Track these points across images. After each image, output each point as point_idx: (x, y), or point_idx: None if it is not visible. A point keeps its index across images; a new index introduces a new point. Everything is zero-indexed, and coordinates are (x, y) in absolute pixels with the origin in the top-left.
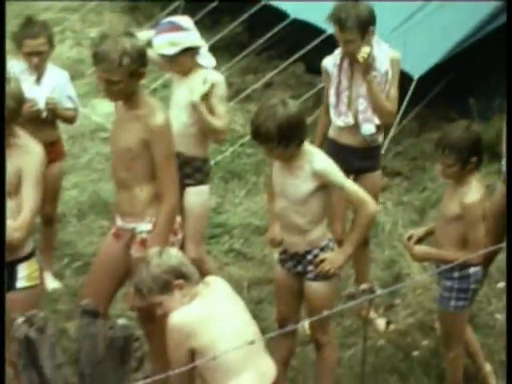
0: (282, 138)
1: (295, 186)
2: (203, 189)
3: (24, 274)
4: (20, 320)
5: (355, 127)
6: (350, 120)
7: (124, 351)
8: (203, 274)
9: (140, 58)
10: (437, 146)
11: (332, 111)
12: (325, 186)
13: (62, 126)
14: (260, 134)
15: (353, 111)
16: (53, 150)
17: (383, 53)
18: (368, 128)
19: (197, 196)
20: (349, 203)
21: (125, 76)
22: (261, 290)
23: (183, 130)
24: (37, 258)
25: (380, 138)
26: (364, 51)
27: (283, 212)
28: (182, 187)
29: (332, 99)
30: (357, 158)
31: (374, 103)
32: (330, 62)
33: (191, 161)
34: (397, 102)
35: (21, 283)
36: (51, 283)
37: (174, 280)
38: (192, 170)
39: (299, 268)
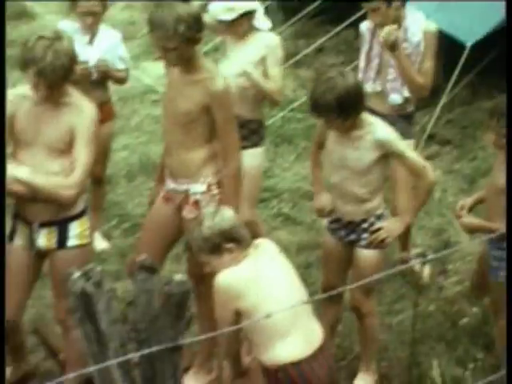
0: (342, 109)
1: (356, 157)
2: (259, 151)
3: (75, 233)
4: (77, 274)
5: (383, 94)
6: (378, 87)
7: (180, 307)
8: (255, 235)
9: (196, 24)
10: (491, 115)
11: (360, 76)
12: (386, 156)
13: (112, 88)
14: (319, 106)
15: (382, 78)
16: (103, 111)
17: (416, 23)
18: (395, 98)
19: (252, 158)
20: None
21: (181, 43)
22: (309, 254)
23: (239, 92)
24: (88, 217)
25: (410, 108)
26: (385, 31)
27: (342, 183)
28: None
29: (362, 64)
30: None
31: (403, 77)
32: (365, 26)
33: (247, 123)
34: (431, 74)
35: (72, 241)
36: (100, 244)
37: (225, 243)
38: (248, 132)
39: (352, 236)
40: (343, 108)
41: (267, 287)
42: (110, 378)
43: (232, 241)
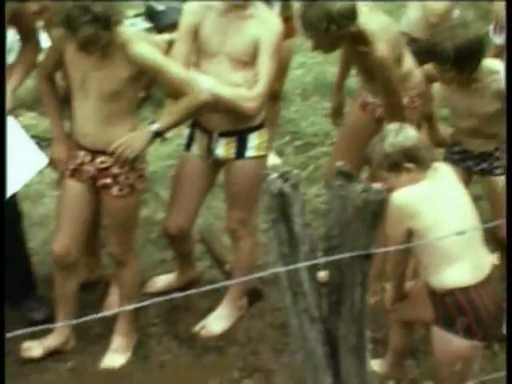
0: (458, 60)
1: (483, 104)
2: None
3: (254, 144)
4: (274, 175)
5: None
6: (502, 41)
7: (375, 215)
8: None
9: (348, 19)
10: None
11: (491, 26)
12: None
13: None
14: (435, 52)
15: None
16: (286, 27)
17: None
18: None
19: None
20: None
21: (334, 38)
22: (479, 187)
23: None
24: (266, 130)
25: None
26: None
27: (472, 128)
28: None
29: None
30: None
31: None
32: None
33: None
34: None
35: (250, 152)
36: (272, 159)
37: (405, 162)
38: None
39: (483, 165)
40: (459, 59)
41: (442, 210)
42: (298, 280)
43: (412, 160)
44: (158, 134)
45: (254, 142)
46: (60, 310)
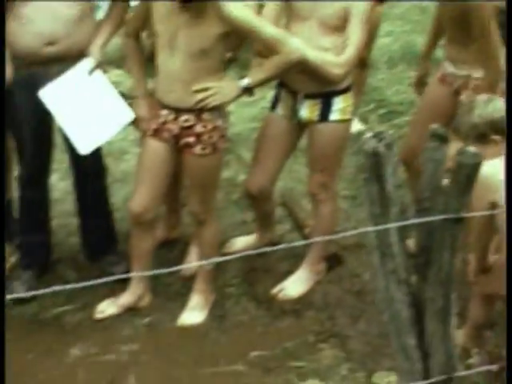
0: None
1: None
2: None
3: (339, 107)
4: (369, 134)
5: None
6: None
7: (469, 179)
8: None
9: None
10: None
11: None
12: None
13: None
14: None
15: None
16: None
17: None
18: None
19: None
20: None
21: None
22: None
23: None
24: (351, 94)
25: None
26: None
27: None
28: None
29: None
30: None
31: None
32: None
33: None
34: None
35: (334, 115)
36: (355, 125)
37: (492, 134)
38: None
39: None
40: None
41: None
42: (388, 241)
43: (499, 133)
44: (247, 90)
45: (339, 105)
46: (135, 267)
